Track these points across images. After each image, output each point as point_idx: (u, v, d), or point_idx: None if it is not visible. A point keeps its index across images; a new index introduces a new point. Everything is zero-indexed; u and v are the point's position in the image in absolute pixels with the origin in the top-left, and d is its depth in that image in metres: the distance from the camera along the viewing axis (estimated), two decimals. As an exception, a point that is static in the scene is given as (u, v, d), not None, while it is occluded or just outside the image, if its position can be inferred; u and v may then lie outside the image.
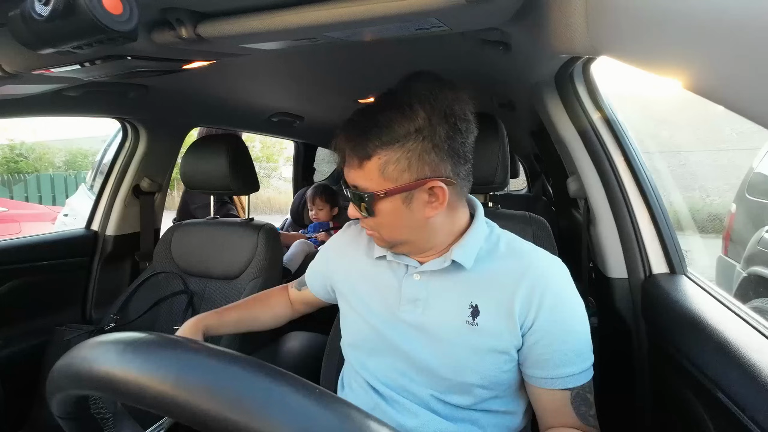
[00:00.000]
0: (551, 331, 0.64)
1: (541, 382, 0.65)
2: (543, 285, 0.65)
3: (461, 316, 0.67)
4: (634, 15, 0.40)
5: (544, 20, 0.62)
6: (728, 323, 0.68)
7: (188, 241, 1.39)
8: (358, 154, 0.62)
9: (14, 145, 10.77)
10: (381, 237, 0.69)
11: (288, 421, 0.26)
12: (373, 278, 0.77)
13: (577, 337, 0.65)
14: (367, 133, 0.60)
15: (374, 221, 0.67)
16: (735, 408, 0.57)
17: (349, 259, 0.82)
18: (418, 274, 0.71)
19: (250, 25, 0.62)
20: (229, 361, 0.29)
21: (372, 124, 0.60)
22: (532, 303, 0.65)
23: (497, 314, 0.66)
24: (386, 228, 0.67)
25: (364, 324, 0.75)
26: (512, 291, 0.66)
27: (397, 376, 0.72)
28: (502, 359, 0.66)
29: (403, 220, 0.65)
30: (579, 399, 0.65)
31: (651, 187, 1.00)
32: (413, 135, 0.59)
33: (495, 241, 0.72)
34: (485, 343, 0.66)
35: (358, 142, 0.61)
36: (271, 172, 11.61)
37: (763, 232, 2.12)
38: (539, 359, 0.65)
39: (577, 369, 0.64)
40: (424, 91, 0.61)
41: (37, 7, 0.42)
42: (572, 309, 0.66)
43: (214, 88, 1.34)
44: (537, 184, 3.84)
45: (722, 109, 0.33)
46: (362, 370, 0.76)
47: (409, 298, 0.71)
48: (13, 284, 1.36)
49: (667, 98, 4.37)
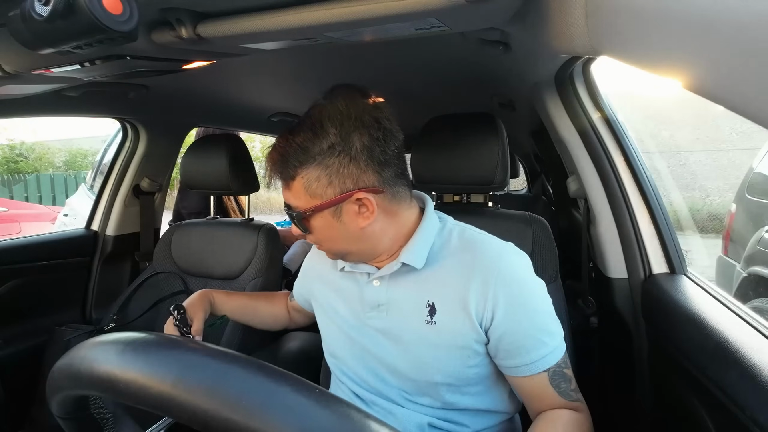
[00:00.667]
0: (514, 321, 0.64)
1: (517, 370, 0.66)
2: (495, 277, 0.65)
3: (420, 316, 0.68)
4: (634, 15, 0.40)
5: (544, 20, 0.62)
6: (728, 323, 0.68)
7: (188, 241, 1.39)
8: (283, 176, 0.65)
9: (14, 145, 10.78)
10: (326, 250, 0.72)
11: (288, 421, 0.26)
12: (339, 289, 0.79)
13: (541, 317, 0.66)
14: (286, 156, 0.63)
15: (313, 237, 0.70)
16: (735, 408, 0.57)
17: (320, 272, 0.84)
18: (377, 279, 0.72)
19: (250, 25, 0.62)
20: (229, 361, 0.29)
21: (290, 146, 0.63)
22: (487, 298, 0.65)
23: (453, 310, 0.66)
24: (326, 242, 0.70)
25: (338, 332, 0.78)
26: (465, 287, 0.66)
27: (374, 380, 0.74)
28: (464, 354, 0.67)
29: (338, 232, 0.67)
30: (557, 377, 0.66)
31: (651, 187, 1.00)
32: (327, 152, 0.62)
33: (447, 235, 0.73)
34: (445, 340, 0.67)
35: (281, 165, 0.64)
36: (271, 172, 11.56)
37: (763, 232, 2.11)
38: (509, 349, 0.65)
39: (549, 349, 0.65)
40: (334, 108, 0.63)
41: (37, 7, 0.42)
42: (530, 293, 0.66)
43: (214, 88, 1.34)
44: (537, 184, 3.84)
45: (722, 109, 0.33)
46: (344, 378, 0.79)
47: (371, 304, 0.73)
48: (13, 284, 1.36)
49: (667, 97, 4.38)
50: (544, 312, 0.67)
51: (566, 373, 0.67)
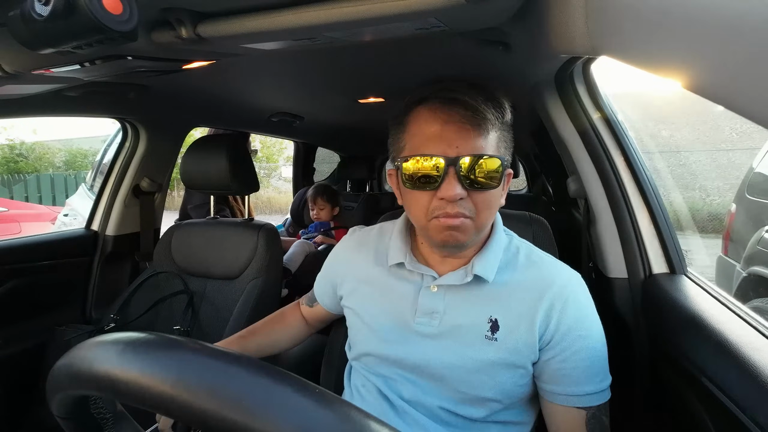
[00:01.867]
0: (571, 346, 0.63)
1: (558, 398, 0.64)
2: (565, 298, 0.64)
3: (480, 331, 0.65)
4: (634, 15, 0.40)
5: (544, 20, 0.62)
6: (728, 323, 0.68)
7: (188, 241, 1.39)
8: (482, 121, 0.60)
9: (14, 145, 10.78)
10: (475, 224, 0.62)
11: (288, 421, 0.26)
12: (384, 287, 0.73)
13: (596, 354, 0.64)
14: (486, 107, 0.61)
15: (486, 198, 0.61)
16: (735, 408, 0.57)
17: (356, 266, 0.78)
18: (436, 286, 0.68)
19: (250, 25, 0.62)
20: (229, 361, 0.29)
21: (487, 106, 0.61)
22: (552, 316, 0.63)
23: (517, 328, 0.64)
24: (488, 210, 0.62)
25: (372, 334, 0.72)
26: (534, 304, 0.64)
27: (409, 386, 0.69)
28: (518, 374, 0.65)
29: (499, 201, 0.65)
30: (594, 421, 0.63)
31: (651, 187, 1.00)
32: (507, 124, 0.65)
33: (514, 251, 0.71)
34: (503, 358, 0.64)
35: (481, 111, 0.60)
36: (271, 172, 11.60)
37: (763, 232, 2.11)
38: (556, 374, 0.64)
39: (595, 388, 0.63)
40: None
41: (37, 7, 0.42)
42: (592, 326, 0.65)
43: (214, 88, 1.34)
44: (537, 184, 3.84)
45: (722, 109, 0.33)
46: (372, 377, 0.73)
47: (425, 310, 0.68)
48: (13, 284, 1.36)
49: (667, 97, 4.38)
50: (599, 350, 0.64)
51: (604, 421, 0.63)
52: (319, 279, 0.88)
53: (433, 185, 0.60)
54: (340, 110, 1.84)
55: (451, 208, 0.59)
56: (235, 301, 1.27)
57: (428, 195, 0.61)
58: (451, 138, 0.59)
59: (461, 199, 0.59)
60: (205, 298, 1.34)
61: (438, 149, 0.59)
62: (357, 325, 0.76)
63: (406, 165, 0.62)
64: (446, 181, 0.59)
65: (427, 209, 0.62)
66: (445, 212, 0.60)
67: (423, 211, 0.62)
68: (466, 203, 0.60)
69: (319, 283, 0.88)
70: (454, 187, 0.58)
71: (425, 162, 0.60)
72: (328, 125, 2.24)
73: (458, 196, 0.58)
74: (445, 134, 0.59)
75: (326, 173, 3.68)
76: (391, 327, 0.70)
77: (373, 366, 0.73)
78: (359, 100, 1.60)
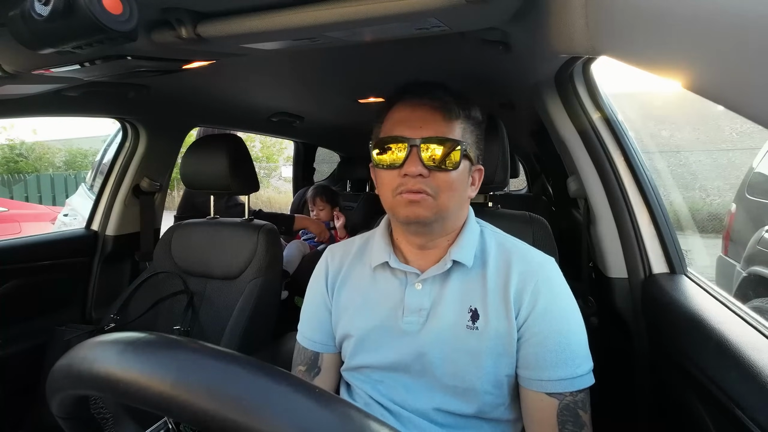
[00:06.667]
0: (547, 328, 0.64)
1: (532, 383, 0.64)
2: (536, 279, 0.66)
3: (461, 321, 0.67)
4: (634, 15, 0.40)
5: (544, 20, 0.62)
6: (728, 323, 0.68)
7: (188, 241, 1.39)
8: (445, 111, 0.67)
9: (14, 145, 10.78)
10: (436, 202, 0.66)
11: (288, 421, 0.26)
12: (368, 293, 0.74)
13: (571, 338, 0.64)
14: (452, 99, 0.68)
15: (445, 179, 0.66)
16: (735, 408, 0.57)
17: (345, 275, 0.77)
18: (419, 283, 0.70)
19: (250, 25, 0.62)
20: (229, 361, 0.29)
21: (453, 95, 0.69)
22: (524, 297, 0.65)
23: (496, 314, 0.66)
24: (449, 192, 0.67)
25: (360, 346, 0.72)
26: (506, 286, 0.66)
27: (401, 389, 0.70)
28: (503, 363, 0.65)
29: (462, 188, 0.69)
30: (567, 413, 0.61)
31: (651, 187, 1.00)
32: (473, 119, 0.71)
33: (488, 240, 0.73)
34: (485, 346, 0.65)
35: (446, 101, 0.67)
36: (271, 172, 11.60)
37: (763, 232, 2.11)
38: (531, 358, 0.64)
39: (568, 373, 0.62)
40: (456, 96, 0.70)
41: (37, 7, 0.42)
42: (567, 307, 0.66)
43: (214, 88, 1.34)
44: (537, 184, 3.84)
45: (722, 109, 0.33)
46: (364, 384, 0.74)
47: (412, 308, 0.69)
48: (13, 284, 1.36)
49: (667, 97, 4.37)
50: (575, 333, 0.64)
51: (580, 416, 0.61)
52: (307, 325, 0.80)
53: (398, 164, 0.65)
54: (340, 110, 1.84)
55: (413, 184, 0.65)
56: (235, 301, 1.27)
57: (395, 173, 0.66)
58: (415, 122, 0.66)
59: (423, 176, 0.64)
60: (205, 298, 1.34)
61: (404, 132, 0.66)
62: (345, 329, 0.75)
63: (376, 148, 0.68)
64: (409, 160, 0.65)
65: (394, 187, 0.67)
66: (407, 188, 0.65)
67: (390, 189, 0.67)
68: (429, 182, 0.65)
69: (309, 330, 0.80)
70: (415, 164, 0.64)
71: (392, 143, 0.66)
72: (328, 125, 2.24)
73: (418, 172, 0.64)
74: (411, 119, 0.67)
75: (326, 173, 3.68)
76: (380, 333, 0.71)
77: (365, 373, 0.73)
78: (359, 100, 1.60)
